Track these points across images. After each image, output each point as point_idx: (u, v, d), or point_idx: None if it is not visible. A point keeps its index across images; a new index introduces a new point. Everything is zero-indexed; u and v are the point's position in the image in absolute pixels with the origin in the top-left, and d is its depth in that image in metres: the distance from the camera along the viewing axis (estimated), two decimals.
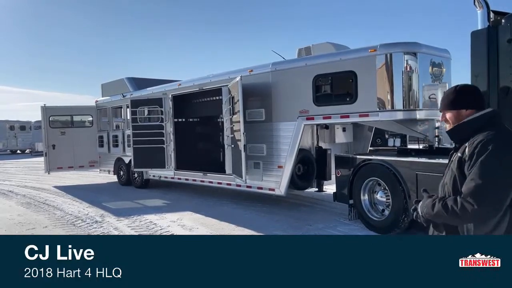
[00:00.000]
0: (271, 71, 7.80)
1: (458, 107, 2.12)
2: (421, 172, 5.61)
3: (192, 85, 9.68)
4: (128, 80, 12.27)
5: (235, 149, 8.01)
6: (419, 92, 6.45)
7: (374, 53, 6.47)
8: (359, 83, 6.63)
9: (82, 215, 8.13)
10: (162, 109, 10.19)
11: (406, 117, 6.40)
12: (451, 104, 2.15)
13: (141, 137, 10.42)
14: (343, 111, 6.86)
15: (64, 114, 13.90)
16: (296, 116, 7.43)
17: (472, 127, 2.04)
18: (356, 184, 6.70)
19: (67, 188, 12.25)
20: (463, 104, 2.11)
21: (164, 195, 10.39)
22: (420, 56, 6.45)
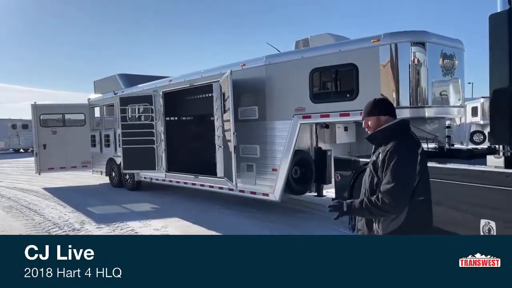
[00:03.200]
0: (265, 65, 7.13)
1: (377, 113, 2.49)
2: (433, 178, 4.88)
3: (183, 81, 9.04)
4: (120, 76, 11.68)
5: (226, 150, 7.36)
6: (428, 87, 5.73)
7: (377, 43, 5.76)
8: (360, 78, 5.93)
9: (61, 221, 7.53)
10: (152, 107, 9.57)
11: (414, 115, 5.68)
12: (372, 111, 2.51)
13: (130, 137, 9.81)
14: (343, 108, 6.17)
15: (55, 113, 13.35)
16: (291, 114, 6.75)
17: (386, 134, 2.39)
18: (357, 190, 6.01)
19: (57, 190, 11.70)
20: (381, 111, 2.49)
21: (155, 199, 9.77)
22: (429, 46, 5.71)
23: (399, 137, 2.35)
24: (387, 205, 2.23)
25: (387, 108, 2.52)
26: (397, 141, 2.31)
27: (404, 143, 2.33)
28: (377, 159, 2.35)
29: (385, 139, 2.36)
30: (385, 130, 2.40)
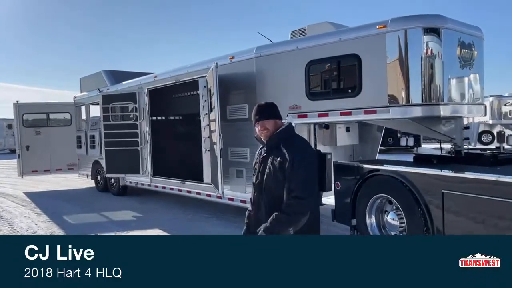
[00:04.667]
0: (255, 57, 6.30)
1: (274, 117, 2.62)
2: (450, 190, 4.05)
3: (168, 77, 8.22)
4: (105, 73, 10.88)
5: (213, 153, 6.55)
6: (443, 81, 4.88)
7: (384, 30, 4.93)
8: (364, 70, 5.10)
9: (29, 233, 6.75)
10: (137, 106, 8.77)
11: (427, 113, 4.84)
12: (271, 114, 2.62)
13: (113, 138, 9.02)
14: (344, 106, 5.33)
15: (39, 112, 12.57)
16: (285, 113, 5.91)
17: (282, 137, 2.56)
18: (360, 201, 5.18)
19: (38, 195, 10.95)
20: (278, 115, 2.65)
21: (140, 205, 8.98)
22: (445, 33, 4.86)
23: (298, 140, 2.60)
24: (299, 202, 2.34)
25: (279, 113, 2.67)
26: (295, 141, 2.55)
27: (301, 143, 2.58)
28: (283, 160, 2.43)
29: (283, 141, 2.51)
30: (283, 132, 2.56)
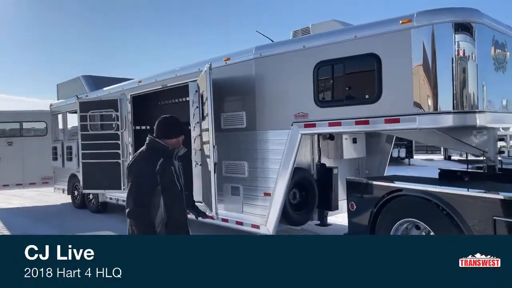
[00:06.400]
0: (255, 58, 5.52)
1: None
2: (504, 218, 3.30)
3: (154, 82, 7.39)
4: (84, 78, 10.00)
5: (205, 168, 5.72)
6: (477, 85, 4.19)
7: (409, 25, 4.23)
8: (384, 73, 4.38)
9: None
10: (118, 114, 7.89)
11: (459, 123, 4.13)
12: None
13: (92, 149, 8.10)
14: (360, 114, 4.59)
15: (11, 121, 11.56)
16: (289, 122, 5.14)
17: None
18: (382, 226, 4.41)
19: (7, 212, 9.95)
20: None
21: (121, 224, 7.98)
22: (479, 30, 4.19)
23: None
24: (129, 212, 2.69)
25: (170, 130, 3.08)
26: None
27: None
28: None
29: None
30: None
